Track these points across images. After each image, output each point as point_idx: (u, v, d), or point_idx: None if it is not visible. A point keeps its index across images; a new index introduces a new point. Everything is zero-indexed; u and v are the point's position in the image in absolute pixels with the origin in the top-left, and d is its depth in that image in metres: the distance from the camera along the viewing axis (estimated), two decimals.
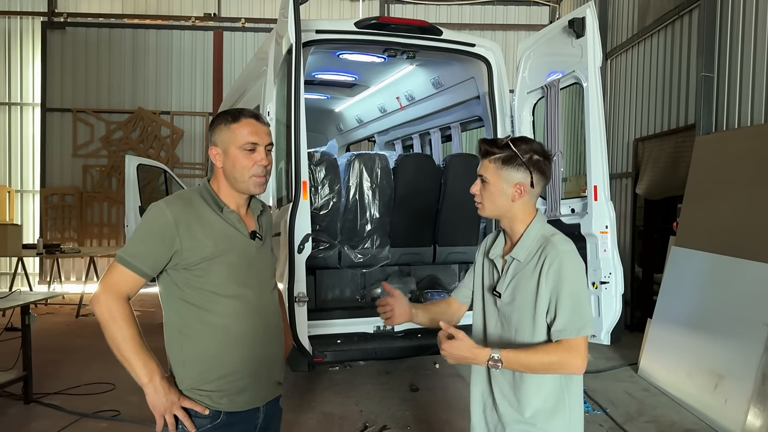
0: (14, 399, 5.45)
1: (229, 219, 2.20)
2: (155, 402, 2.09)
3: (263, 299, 2.27)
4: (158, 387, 2.08)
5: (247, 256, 2.22)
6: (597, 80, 4.62)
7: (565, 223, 4.83)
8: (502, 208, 2.16)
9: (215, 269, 2.13)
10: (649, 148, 8.09)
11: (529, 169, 2.11)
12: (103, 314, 2.06)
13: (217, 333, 2.15)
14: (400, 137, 7.84)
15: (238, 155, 2.16)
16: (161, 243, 2.09)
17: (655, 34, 8.05)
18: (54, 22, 11.95)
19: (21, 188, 12.18)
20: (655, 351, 6.22)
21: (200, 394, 2.15)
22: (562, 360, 2.00)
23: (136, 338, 2.07)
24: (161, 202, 2.14)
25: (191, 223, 2.12)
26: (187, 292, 2.14)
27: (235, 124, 2.18)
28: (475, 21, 12.24)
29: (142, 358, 2.07)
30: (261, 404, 2.28)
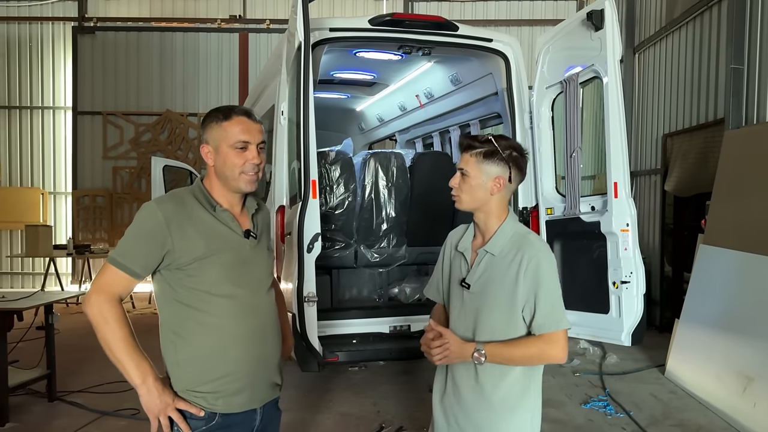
0: (38, 396, 5.55)
1: (221, 218, 2.17)
2: (149, 403, 2.08)
3: (258, 299, 2.23)
4: (152, 388, 2.06)
5: (240, 255, 2.19)
6: (617, 74, 4.50)
7: (584, 221, 4.72)
8: (480, 201, 2.25)
9: (208, 269, 2.11)
10: (678, 143, 7.87)
11: (508, 164, 2.21)
12: (95, 315, 2.05)
13: (211, 333, 2.12)
14: (420, 135, 7.78)
15: (229, 153, 2.14)
16: (152, 243, 2.07)
17: (683, 26, 7.83)
18: (84, 27, 12.18)
19: (54, 190, 12.44)
20: (683, 352, 6.04)
21: (195, 395, 2.12)
22: (543, 351, 2.15)
23: (128, 339, 2.06)
24: (152, 202, 2.12)
25: (183, 222, 2.09)
26: (180, 292, 2.12)
27: (227, 122, 2.15)
28: (501, 17, 12.10)
29: (135, 359, 2.05)
30: (258, 406, 2.24)
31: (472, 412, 2.26)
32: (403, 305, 5.31)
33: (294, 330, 4.01)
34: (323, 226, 4.90)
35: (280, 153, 4.66)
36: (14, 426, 4.94)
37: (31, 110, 12.37)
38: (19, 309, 5.08)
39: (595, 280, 4.61)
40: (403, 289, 5.38)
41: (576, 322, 4.71)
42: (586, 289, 4.69)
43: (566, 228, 4.92)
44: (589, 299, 4.66)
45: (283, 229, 4.46)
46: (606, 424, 5.03)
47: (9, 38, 12.32)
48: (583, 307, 4.67)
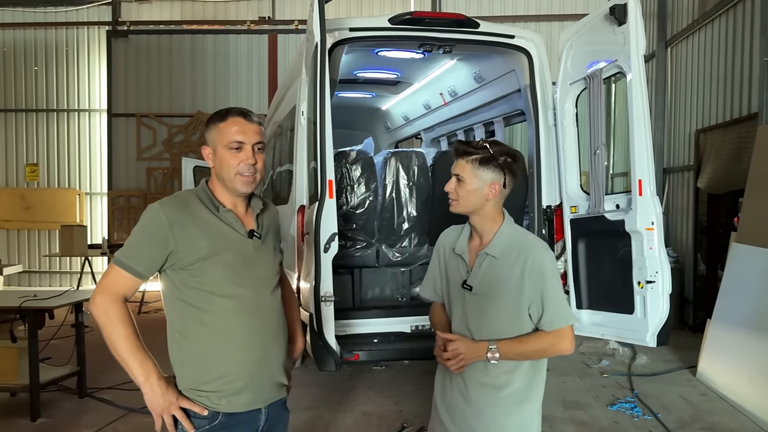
0: (70, 393, 5.70)
1: (225, 218, 2.19)
2: (152, 402, 2.10)
3: (262, 299, 2.24)
4: (155, 387, 2.08)
5: (244, 255, 2.20)
6: (640, 69, 4.39)
7: (609, 220, 4.63)
8: (476, 206, 2.28)
9: (211, 269, 2.13)
10: (711, 139, 7.68)
11: (503, 170, 2.25)
12: (100, 315, 2.09)
13: (213, 333, 2.15)
14: (445, 134, 7.72)
15: (224, 154, 2.16)
16: (156, 244, 2.10)
17: (716, 18, 7.63)
18: (118, 31, 12.45)
19: (89, 191, 12.77)
20: (715, 353, 5.89)
21: (199, 394, 2.14)
22: (553, 345, 2.24)
23: (131, 338, 2.08)
24: (156, 204, 2.15)
25: (186, 223, 2.12)
26: (184, 291, 2.15)
27: (223, 123, 2.17)
28: (530, 13, 11.96)
29: (139, 358, 2.08)
30: (262, 405, 2.25)
31: (481, 408, 2.29)
32: (424, 305, 5.22)
33: (311, 329, 4.03)
34: (344, 226, 4.93)
35: (301, 153, 4.69)
36: (45, 421, 5.08)
37: (67, 113, 12.72)
38: (50, 307, 5.22)
39: (619, 280, 4.52)
40: None
41: (600, 322, 4.63)
42: (611, 289, 4.61)
43: (590, 226, 4.83)
44: (613, 299, 4.57)
45: (302, 229, 4.48)
46: (632, 427, 4.94)
47: (47, 43, 12.67)
48: (608, 307, 4.59)
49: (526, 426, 2.31)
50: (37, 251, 12.75)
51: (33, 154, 12.79)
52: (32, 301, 5.20)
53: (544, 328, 2.24)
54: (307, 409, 5.27)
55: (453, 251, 2.39)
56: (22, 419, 5.06)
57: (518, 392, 2.28)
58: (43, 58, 12.69)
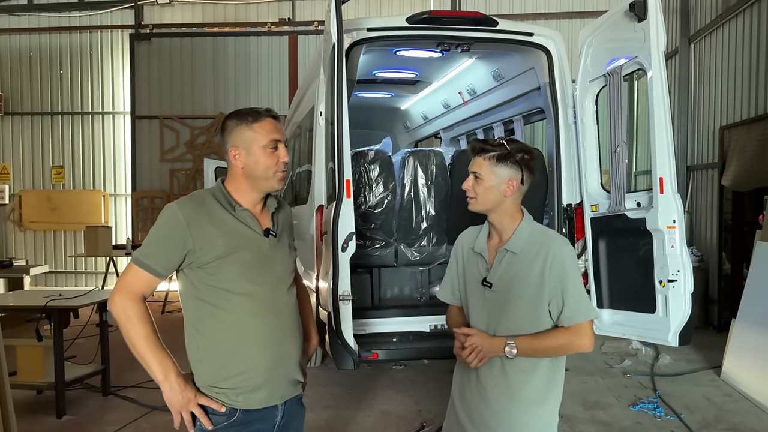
0: (94, 391, 5.79)
1: (241, 217, 2.22)
2: (171, 399, 2.14)
3: (277, 297, 2.27)
4: (174, 384, 2.11)
5: (260, 253, 2.23)
6: (661, 66, 4.34)
7: (630, 218, 4.58)
8: (494, 203, 2.29)
9: (228, 267, 2.16)
10: (736, 135, 7.56)
11: (520, 167, 2.27)
12: (119, 314, 2.12)
13: (230, 330, 2.18)
14: (464, 133, 7.69)
15: (262, 154, 2.20)
16: (173, 243, 2.14)
17: (740, 13, 7.51)
18: (141, 34, 12.61)
19: (114, 192, 12.95)
20: (739, 353, 5.80)
21: (216, 391, 2.18)
22: (572, 342, 2.22)
23: (150, 336, 2.12)
24: (173, 204, 2.19)
25: (203, 222, 2.15)
26: (202, 290, 2.18)
27: (257, 124, 2.21)
28: (551, 10, 11.88)
29: (157, 356, 2.11)
30: (278, 402, 2.28)
31: (500, 408, 2.29)
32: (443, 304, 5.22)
33: (330, 328, 4.05)
34: (363, 225, 4.94)
35: (319, 153, 4.71)
36: (70, 419, 5.17)
37: (92, 116, 12.92)
38: (74, 307, 5.31)
39: (641, 279, 4.47)
40: None
41: (622, 322, 4.58)
42: (632, 288, 4.56)
43: (611, 225, 4.79)
44: (634, 298, 4.52)
45: (321, 228, 4.51)
46: (654, 427, 4.89)
47: (71, 47, 12.88)
48: (629, 306, 4.54)
49: (545, 426, 2.30)
50: (62, 252, 12.97)
51: (59, 157, 13.01)
52: (57, 301, 5.30)
53: (563, 324, 2.23)
54: (327, 408, 5.30)
55: (472, 250, 2.41)
56: (48, 416, 5.16)
57: (537, 392, 2.27)
58: (68, 62, 12.90)
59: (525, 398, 2.26)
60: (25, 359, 5.25)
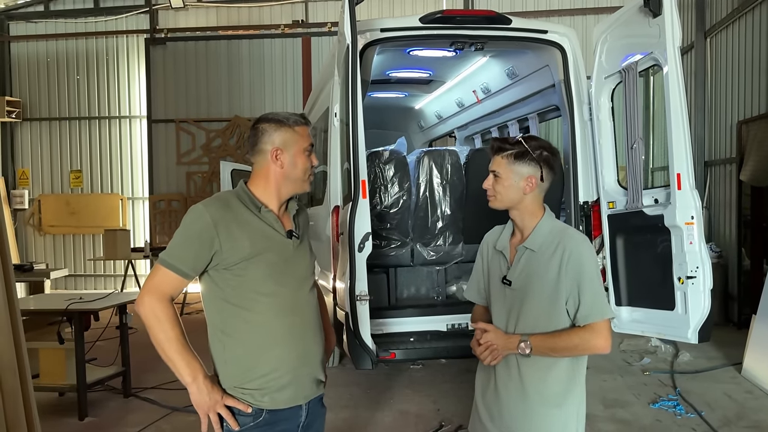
0: (115, 393, 5.85)
1: (266, 219, 2.25)
2: (199, 401, 2.15)
3: (301, 297, 2.31)
4: (202, 386, 2.13)
5: (284, 254, 2.26)
6: (677, 61, 4.31)
7: (647, 215, 4.55)
8: (514, 201, 2.30)
9: (254, 268, 2.18)
10: (754, 130, 7.48)
11: (539, 164, 2.27)
12: (147, 316, 2.13)
13: (256, 331, 2.20)
14: (479, 131, 7.69)
15: (301, 157, 2.27)
16: (201, 244, 2.15)
17: (756, 7, 7.43)
18: (156, 39, 12.71)
19: (132, 195, 13.07)
20: (761, 350, 5.74)
21: (243, 392, 2.19)
22: (587, 341, 2.19)
23: (179, 339, 2.13)
24: (200, 205, 2.20)
25: (229, 223, 2.17)
26: (227, 291, 2.20)
27: (299, 128, 2.27)
28: (564, 7, 11.81)
29: (186, 358, 2.13)
30: (303, 402, 2.30)
31: (516, 409, 2.29)
32: (460, 303, 5.27)
33: (347, 328, 4.07)
34: (378, 225, 4.95)
35: (334, 154, 4.73)
36: (92, 420, 5.23)
37: (109, 120, 13.05)
38: (95, 309, 5.38)
39: (659, 276, 4.44)
40: (460, 287, 5.33)
41: (640, 319, 4.56)
42: (651, 285, 4.53)
43: (629, 222, 4.76)
44: (653, 295, 4.49)
45: (337, 229, 4.53)
46: (674, 425, 4.85)
47: (88, 52, 13.03)
48: (648, 303, 4.51)
49: (565, 427, 2.28)
50: (82, 255, 13.12)
51: (77, 161, 13.16)
52: (78, 304, 5.36)
53: (579, 323, 2.20)
54: (346, 408, 5.32)
55: (495, 249, 2.42)
56: (71, 418, 5.22)
57: (555, 393, 2.25)
58: (85, 67, 13.04)
59: (541, 399, 2.25)
60: (48, 362, 5.32)
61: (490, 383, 2.36)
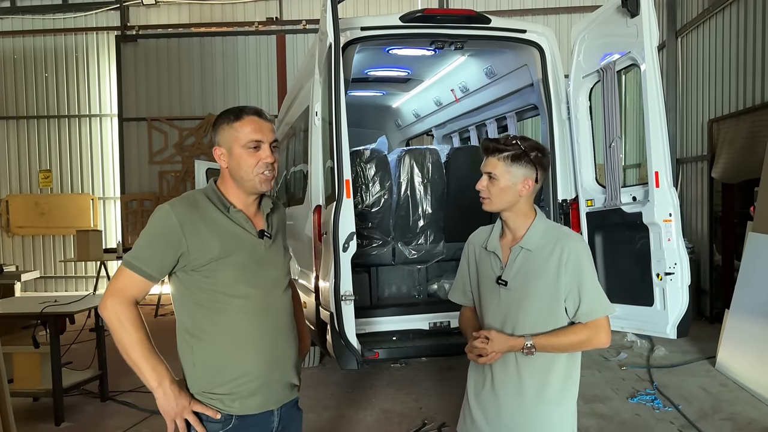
0: (92, 397, 5.74)
1: (235, 218, 2.18)
2: (165, 406, 2.08)
3: (273, 299, 2.24)
4: (168, 391, 2.06)
5: (255, 255, 2.19)
6: (654, 61, 4.38)
7: (626, 212, 4.62)
8: (510, 203, 2.27)
9: (223, 269, 2.12)
10: (725, 128, 7.63)
11: (534, 165, 2.25)
12: (111, 319, 2.06)
13: (226, 334, 2.14)
14: (456, 130, 7.72)
15: (242, 154, 2.14)
16: (167, 246, 2.08)
17: (727, 7, 7.58)
18: (127, 36, 12.50)
19: (103, 195, 12.84)
20: (734, 344, 5.87)
21: (211, 397, 2.12)
22: (591, 338, 2.23)
23: (144, 342, 2.06)
24: (166, 205, 2.12)
25: (197, 224, 2.10)
26: (196, 293, 2.13)
27: (238, 122, 2.15)
28: (538, 6, 11.91)
29: (151, 363, 2.05)
30: (275, 407, 2.23)
31: (515, 408, 2.28)
32: (442, 302, 5.29)
33: (332, 328, 4.05)
34: (360, 225, 4.94)
35: (316, 153, 4.71)
36: (69, 425, 5.12)
37: (79, 118, 12.79)
38: (70, 312, 5.26)
39: (638, 273, 4.51)
40: (442, 286, 5.36)
41: (620, 315, 4.58)
42: (630, 282, 4.60)
43: (607, 219, 4.83)
44: (632, 292, 4.56)
45: (320, 229, 4.50)
46: (653, 419, 4.93)
47: (56, 50, 12.75)
48: (627, 299, 4.57)
49: (562, 425, 2.30)
50: (52, 257, 12.84)
51: (46, 161, 12.87)
52: (53, 307, 5.24)
53: (581, 320, 2.22)
54: (328, 408, 5.29)
55: (485, 249, 2.38)
56: (47, 423, 5.11)
57: (553, 391, 2.27)
58: (54, 65, 12.76)
59: (540, 398, 2.25)
60: (22, 366, 5.20)
61: (485, 383, 2.35)
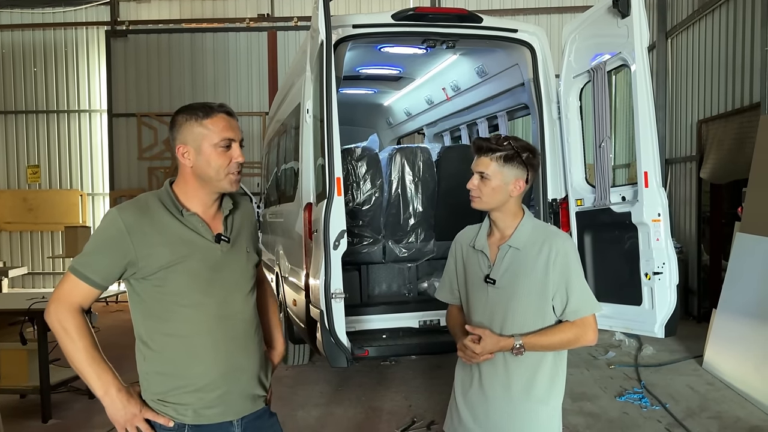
0: (79, 394, 5.69)
1: (189, 223, 2.06)
2: (114, 414, 2.00)
3: (230, 307, 2.12)
4: (114, 399, 1.99)
5: (210, 261, 2.07)
6: (644, 61, 4.40)
7: (615, 212, 4.65)
8: (500, 202, 2.29)
9: (173, 277, 2.02)
10: (714, 129, 7.69)
11: (526, 166, 2.26)
12: (54, 326, 1.98)
13: (178, 345, 2.04)
14: (448, 129, 7.74)
15: (212, 153, 2.03)
16: (113, 253, 1.99)
17: (716, 9, 7.63)
18: (117, 31, 12.40)
19: (92, 191, 12.75)
20: (721, 343, 5.92)
21: (164, 405, 2.04)
22: (579, 336, 2.24)
23: (88, 350, 1.97)
24: (114, 210, 2.04)
25: (146, 230, 2.00)
26: (148, 302, 2.05)
27: (208, 120, 2.03)
28: (530, 6, 11.94)
29: (96, 370, 1.98)
30: (234, 418, 2.12)
31: (504, 406, 2.29)
32: (432, 300, 5.25)
33: (322, 326, 4.05)
34: (351, 222, 4.94)
35: (306, 151, 4.71)
36: (56, 422, 5.09)
37: (68, 114, 12.69)
38: None
39: (626, 272, 4.55)
40: (432, 284, 5.37)
41: (609, 314, 4.64)
42: (618, 281, 4.63)
43: (596, 219, 4.86)
44: (621, 291, 4.59)
45: (310, 226, 4.50)
46: (641, 417, 4.96)
47: (45, 44, 12.64)
48: (616, 299, 4.60)
49: (549, 422, 2.31)
50: (40, 253, 12.75)
51: (34, 156, 12.76)
52: (41, 303, 5.20)
53: (568, 318, 2.24)
54: (317, 406, 5.29)
55: (472, 248, 2.38)
56: (34, 420, 5.07)
57: (541, 389, 2.28)
58: (42, 60, 12.65)
59: (529, 396, 2.25)
60: (9, 363, 5.17)
61: (473, 382, 2.35)
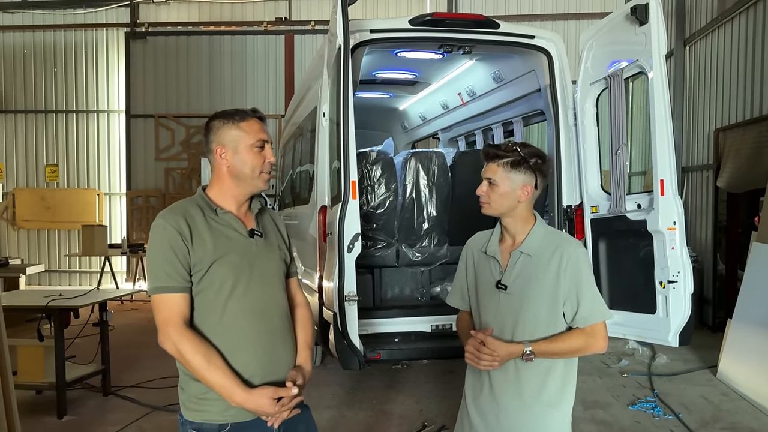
0: (94, 391, 5.77)
1: (224, 220, 2.20)
2: (257, 410, 2.08)
3: (268, 299, 2.24)
4: (242, 401, 2.06)
5: (248, 255, 2.21)
6: (662, 69, 4.39)
7: (630, 219, 4.63)
8: (508, 208, 2.32)
9: (216, 271, 2.14)
10: (731, 138, 7.63)
11: (534, 172, 2.29)
12: (173, 351, 2.08)
13: (219, 338, 2.13)
14: (462, 134, 7.74)
15: (249, 153, 2.19)
16: (176, 254, 2.10)
17: (736, 16, 7.58)
18: (136, 33, 12.56)
19: (109, 191, 12.90)
20: (736, 353, 5.86)
21: (208, 404, 2.12)
22: (589, 344, 2.25)
23: (203, 366, 2.05)
24: (158, 219, 2.17)
25: (192, 230, 2.13)
26: (194, 299, 2.15)
27: (245, 123, 2.20)
28: (547, 11, 11.93)
29: (219, 382, 2.06)
30: None
31: (515, 412, 2.30)
32: (444, 304, 5.25)
33: (335, 328, 4.07)
34: (365, 226, 4.95)
35: (322, 154, 4.73)
36: (71, 419, 5.16)
37: (86, 114, 12.86)
38: (75, 306, 5.30)
39: (641, 280, 4.52)
40: (444, 288, 5.37)
41: (622, 322, 4.63)
42: (633, 289, 4.61)
43: (611, 226, 4.84)
44: (635, 299, 4.57)
45: (325, 229, 4.52)
46: (653, 426, 4.94)
47: (66, 45, 12.83)
48: (630, 307, 4.58)
49: (561, 427, 2.31)
50: (57, 251, 12.91)
51: (53, 155, 12.95)
52: (58, 301, 5.28)
53: (578, 325, 2.25)
54: (329, 408, 5.31)
55: (484, 254, 2.41)
56: (49, 416, 5.14)
57: (552, 395, 2.29)
58: (63, 60, 12.84)
59: (540, 401, 2.27)
60: (26, 359, 5.24)
61: (483, 388, 2.36)
